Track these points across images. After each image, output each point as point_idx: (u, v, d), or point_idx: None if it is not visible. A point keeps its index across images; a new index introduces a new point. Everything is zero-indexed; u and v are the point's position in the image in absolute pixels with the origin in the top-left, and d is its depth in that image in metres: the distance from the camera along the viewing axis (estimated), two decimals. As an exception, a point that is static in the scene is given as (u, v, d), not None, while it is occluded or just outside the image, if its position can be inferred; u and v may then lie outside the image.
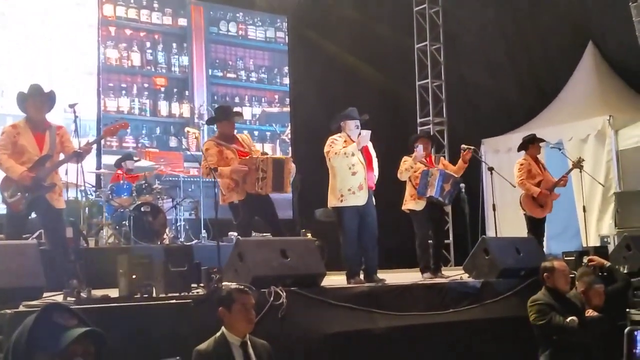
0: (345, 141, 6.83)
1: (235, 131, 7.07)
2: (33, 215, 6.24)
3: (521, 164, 8.75)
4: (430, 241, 8.07)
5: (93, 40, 12.46)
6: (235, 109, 13.31)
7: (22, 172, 5.85)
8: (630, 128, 10.60)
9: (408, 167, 7.80)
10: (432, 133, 12.40)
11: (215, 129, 7.19)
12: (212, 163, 6.48)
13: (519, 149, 9.01)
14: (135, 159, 10.46)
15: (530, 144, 8.84)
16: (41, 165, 5.92)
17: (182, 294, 5.02)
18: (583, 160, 8.96)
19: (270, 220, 6.93)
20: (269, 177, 6.56)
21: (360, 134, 6.80)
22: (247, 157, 6.66)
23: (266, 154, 6.88)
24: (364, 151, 6.88)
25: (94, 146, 7.76)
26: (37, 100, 6.06)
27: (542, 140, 9.07)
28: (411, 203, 7.94)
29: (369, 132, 6.83)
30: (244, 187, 6.59)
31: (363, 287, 6.26)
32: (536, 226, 8.71)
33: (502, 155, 12.16)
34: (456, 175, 8.01)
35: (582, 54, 12.14)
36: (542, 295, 5.78)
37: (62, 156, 6.10)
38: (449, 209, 11.43)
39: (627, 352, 5.20)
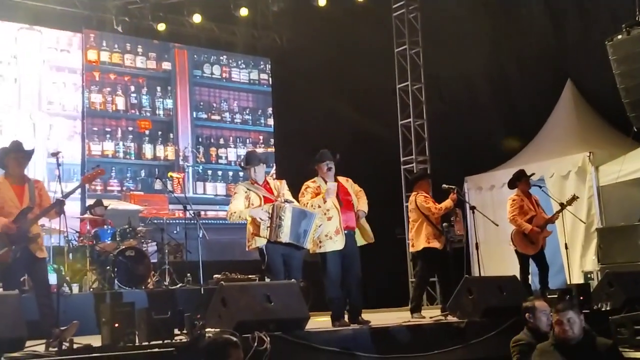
0: (318, 186, 6.90)
1: (274, 176, 6.84)
2: None
3: (513, 200, 8.78)
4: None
5: (77, 85, 12.55)
6: (220, 150, 13.28)
7: (5, 223, 5.88)
8: (610, 164, 10.69)
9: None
10: (415, 171, 12.56)
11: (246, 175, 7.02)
12: (234, 205, 6.56)
13: (509, 187, 9.08)
14: (105, 204, 10.35)
15: (518, 181, 8.91)
16: (23, 217, 5.95)
17: (165, 341, 5.01)
18: (577, 197, 9.03)
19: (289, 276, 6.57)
20: (286, 226, 6.37)
21: (327, 187, 6.77)
22: (270, 204, 6.51)
23: (291, 202, 6.66)
24: (339, 194, 6.90)
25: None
26: (19, 156, 6.17)
27: (530, 176, 9.12)
28: (435, 242, 7.99)
29: (335, 184, 6.85)
30: (264, 233, 6.40)
31: (347, 329, 6.28)
32: (525, 263, 8.68)
33: (485, 193, 12.26)
34: None
35: (561, 92, 12.31)
36: (524, 335, 5.78)
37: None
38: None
39: None
